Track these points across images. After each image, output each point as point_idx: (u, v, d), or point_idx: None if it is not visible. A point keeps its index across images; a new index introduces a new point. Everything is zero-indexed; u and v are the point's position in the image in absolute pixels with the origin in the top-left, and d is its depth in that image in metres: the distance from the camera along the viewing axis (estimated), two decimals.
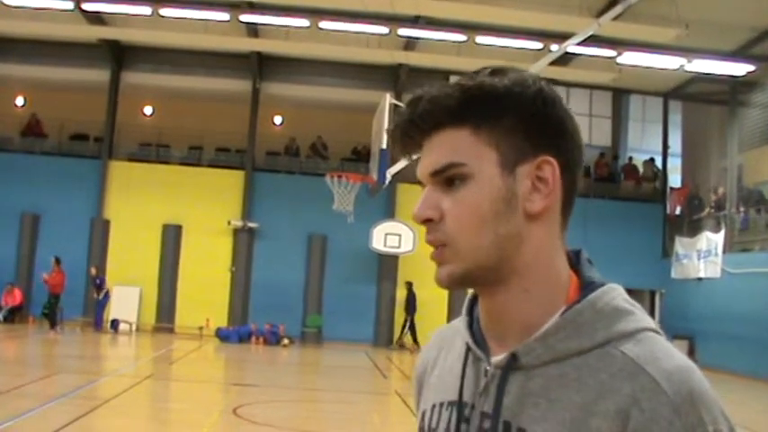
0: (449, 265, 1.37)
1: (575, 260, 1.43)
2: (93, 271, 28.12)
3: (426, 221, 1.38)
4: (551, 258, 1.38)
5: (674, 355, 1.29)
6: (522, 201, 1.34)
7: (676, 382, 1.24)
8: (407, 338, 29.37)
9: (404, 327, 29.33)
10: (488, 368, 1.38)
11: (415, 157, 1.50)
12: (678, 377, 1.25)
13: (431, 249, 1.41)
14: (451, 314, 28.86)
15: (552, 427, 1.27)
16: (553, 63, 22.72)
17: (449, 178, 1.36)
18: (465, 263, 1.35)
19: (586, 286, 1.37)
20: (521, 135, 1.34)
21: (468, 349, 1.44)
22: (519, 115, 1.34)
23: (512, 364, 1.34)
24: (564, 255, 1.40)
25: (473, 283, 1.39)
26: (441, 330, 1.65)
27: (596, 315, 1.32)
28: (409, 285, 29.24)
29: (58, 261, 26.36)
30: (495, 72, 1.37)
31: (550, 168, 1.35)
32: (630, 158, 33.20)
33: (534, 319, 1.35)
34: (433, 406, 1.49)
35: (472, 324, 1.47)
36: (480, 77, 1.36)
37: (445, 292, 29.13)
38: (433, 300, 29.27)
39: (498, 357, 1.36)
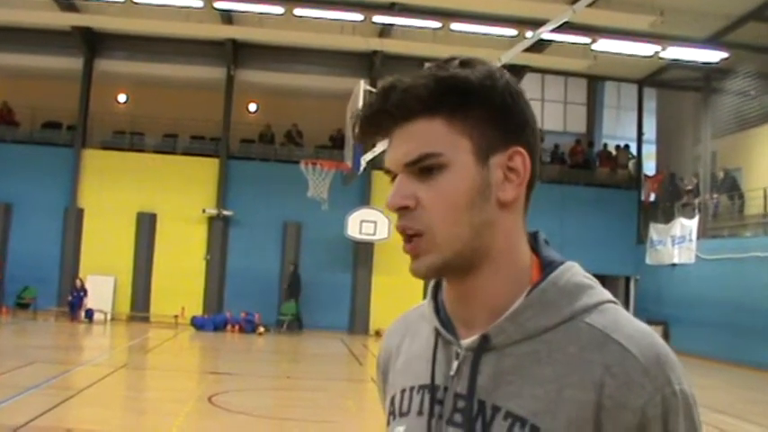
0: (427, 255, 1.38)
1: (533, 242, 1.46)
2: (79, 283, 28.04)
3: (401, 209, 1.39)
4: (518, 244, 1.42)
5: (635, 321, 1.36)
6: (495, 190, 1.38)
7: (644, 346, 1.31)
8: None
9: (288, 310, 28.86)
10: (459, 351, 1.40)
11: (378, 145, 1.48)
12: (644, 341, 1.31)
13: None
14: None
15: (526, 401, 1.32)
16: (528, 50, 22.78)
17: (425, 167, 1.37)
18: (443, 252, 1.37)
19: (547, 266, 1.42)
20: (492, 126, 1.37)
21: (438, 334, 1.46)
22: (489, 107, 1.37)
23: (483, 345, 1.37)
24: (526, 239, 1.45)
25: (450, 272, 1.41)
26: (403, 316, 1.66)
27: (560, 292, 1.37)
28: (294, 267, 29.20)
29: None
30: (464, 63, 1.39)
31: (521, 159, 1.39)
32: (605, 145, 33.30)
33: (502, 300, 1.39)
34: (403, 390, 1.50)
35: (438, 309, 1.49)
36: (452, 69, 1.38)
37: (419, 281, 29.22)
38: (410, 287, 29.26)
39: (469, 340, 1.39)
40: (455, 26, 25.86)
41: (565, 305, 1.36)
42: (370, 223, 28.81)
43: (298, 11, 25.86)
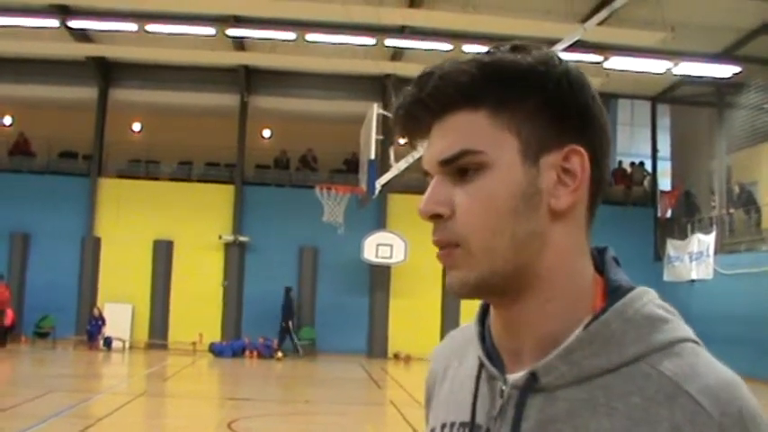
0: (461, 269, 1.19)
1: (599, 260, 1.26)
2: (97, 312, 28.16)
3: (434, 217, 1.20)
4: (576, 262, 1.21)
5: (716, 368, 1.13)
6: (546, 196, 1.17)
7: (722, 402, 1.08)
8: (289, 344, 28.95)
9: (282, 333, 28.87)
10: (504, 388, 1.20)
11: (393, 168, 1.36)
12: (724, 395, 1.09)
13: (424, 259, 1.29)
14: (445, 325, 28.90)
15: None
16: None
17: (462, 168, 1.18)
18: (479, 268, 1.17)
19: (613, 291, 1.20)
20: (545, 120, 1.18)
21: (482, 365, 1.26)
22: (543, 98, 1.18)
23: (531, 384, 1.16)
24: (589, 257, 1.24)
25: (489, 293, 1.21)
26: (451, 337, 1.47)
27: (625, 326, 1.15)
28: (287, 290, 29.14)
29: (1, 277, 26.58)
30: (516, 48, 1.20)
31: (579, 159, 1.18)
32: (620, 163, 33.25)
33: (555, 331, 1.17)
34: (443, 425, 1.31)
35: (484, 335, 1.30)
36: (499, 54, 1.20)
37: (437, 302, 29.24)
38: (428, 309, 29.27)
39: (515, 376, 1.19)
40: (467, 47, 25.89)
41: (630, 343, 1.14)
42: (386, 246, 28.82)
43: (309, 36, 25.97)
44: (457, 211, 1.18)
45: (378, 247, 28.92)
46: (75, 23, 25.91)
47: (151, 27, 25.50)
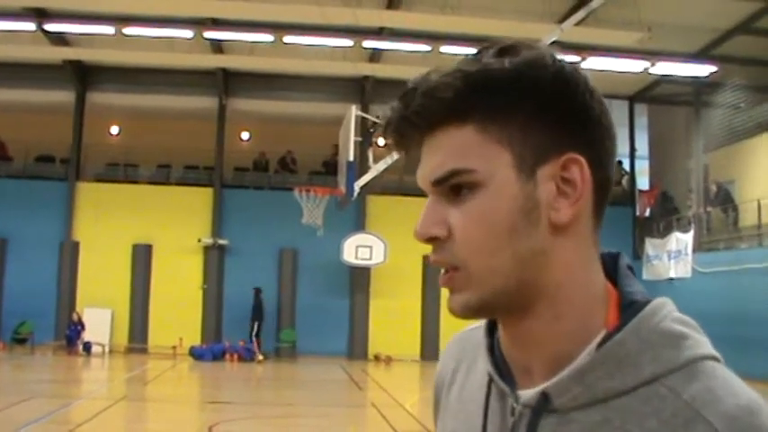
0: (462, 293, 1.13)
1: (611, 268, 1.18)
2: (76, 317, 28.02)
3: (431, 240, 1.13)
4: (585, 274, 1.14)
5: (737, 391, 1.04)
6: (546, 210, 1.10)
7: (740, 428, 1.00)
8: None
9: (251, 334, 28.82)
10: (516, 406, 1.14)
11: (371, 170, 1.30)
12: (744, 422, 1.01)
13: (404, 260, 1.25)
14: (425, 325, 28.93)
15: None
16: None
17: (455, 186, 1.12)
18: (480, 290, 1.11)
19: (628, 306, 1.13)
20: (539, 129, 1.10)
21: (491, 380, 1.21)
22: (535, 105, 1.10)
23: (543, 405, 1.11)
24: (599, 266, 1.16)
25: (493, 313, 1.16)
26: (460, 338, 1.39)
27: (642, 345, 1.08)
28: (257, 291, 29.08)
29: None
30: (504, 51, 1.13)
31: (578, 168, 1.11)
32: None
33: (567, 348, 1.11)
34: None
35: (494, 347, 1.23)
36: (485, 59, 1.12)
37: (417, 303, 29.29)
38: (408, 310, 29.31)
39: (527, 394, 1.13)
40: (444, 48, 25.92)
41: (647, 363, 1.07)
42: (365, 248, 28.84)
43: (287, 38, 25.93)
44: (454, 232, 1.12)
45: (357, 249, 28.93)
46: (51, 27, 25.76)
47: (128, 30, 25.38)
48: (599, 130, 1.14)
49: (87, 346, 27.66)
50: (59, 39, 27.57)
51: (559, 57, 1.13)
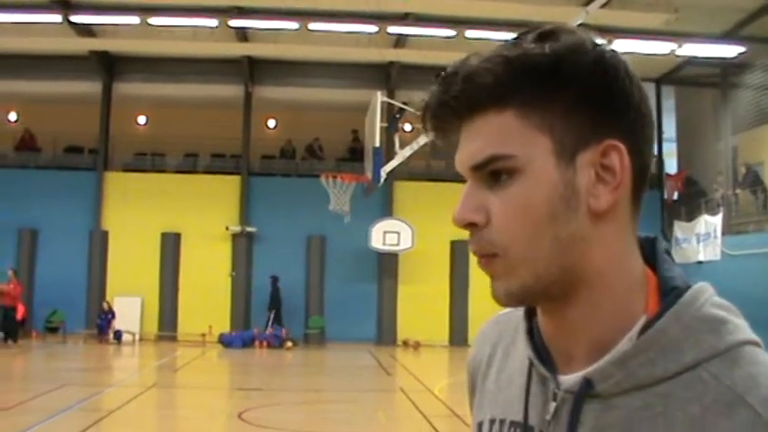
0: (504, 279, 1.13)
1: (649, 252, 1.19)
2: (106, 305, 28.28)
3: (469, 226, 1.14)
4: (625, 261, 1.14)
5: None
6: (585, 196, 1.11)
7: None
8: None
9: (269, 321, 28.87)
10: (557, 391, 1.15)
11: (397, 156, 1.29)
12: None
13: (431, 246, 1.21)
14: (454, 311, 28.92)
15: None
16: None
17: (494, 172, 1.12)
18: (522, 277, 1.12)
19: (668, 291, 1.14)
20: (579, 115, 1.11)
21: (531, 364, 1.21)
22: (576, 91, 1.10)
23: (586, 390, 1.11)
24: (638, 252, 1.17)
25: (535, 300, 1.16)
26: (496, 321, 1.39)
27: (683, 331, 1.09)
28: (274, 280, 29.16)
29: (15, 272, 26.65)
30: (544, 36, 1.12)
31: (617, 154, 1.11)
32: None
33: (607, 335, 1.12)
34: (492, 420, 1.27)
35: (533, 331, 1.24)
36: (525, 45, 1.12)
37: (446, 288, 29.28)
38: (437, 296, 29.30)
39: (569, 380, 1.14)
40: (469, 33, 25.84)
41: (688, 349, 1.08)
42: (393, 234, 28.83)
43: (312, 25, 25.95)
44: (492, 218, 1.12)
45: (385, 235, 28.93)
46: (77, 18, 25.92)
47: (153, 20, 25.51)
48: (638, 117, 1.13)
49: (118, 335, 27.88)
50: (85, 30, 27.70)
51: (599, 41, 1.13)
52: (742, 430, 1.01)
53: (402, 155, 19.86)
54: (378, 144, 19.33)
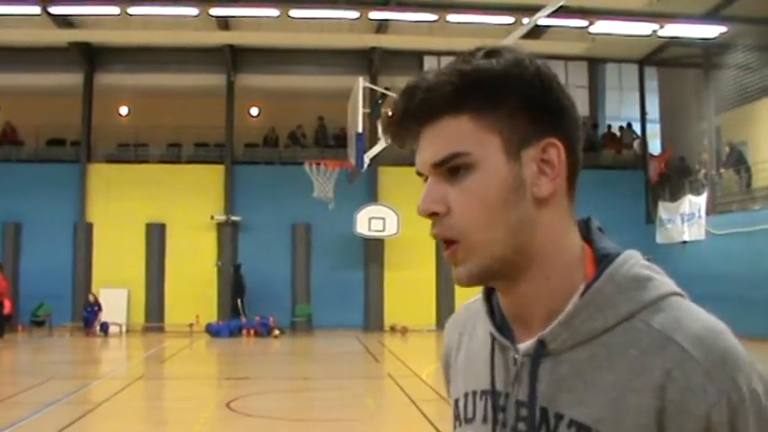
0: (465, 263, 1.33)
1: (585, 230, 1.40)
2: (92, 298, 28.17)
3: (432, 215, 1.34)
4: (566, 239, 1.35)
5: (699, 317, 1.28)
6: (530, 186, 1.31)
7: (705, 346, 1.23)
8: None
9: (236, 310, 28.94)
10: (517, 356, 1.35)
11: (381, 141, 1.44)
12: (706, 340, 1.23)
13: (417, 231, 1.37)
14: (441, 295, 28.94)
15: (590, 409, 1.26)
16: (526, 36, 22.71)
17: (453, 168, 1.31)
18: (481, 258, 1.31)
19: (602, 259, 1.34)
20: (522, 118, 1.31)
21: (494, 338, 1.41)
22: (519, 98, 1.30)
23: (540, 350, 1.31)
24: (576, 230, 1.38)
25: (493, 278, 1.35)
26: (465, 308, 1.60)
27: (616, 289, 1.29)
28: (237, 267, 29.21)
29: (0, 267, 26.54)
30: (490, 53, 1.32)
31: (555, 150, 1.32)
32: (609, 126, 33.25)
33: (557, 302, 1.32)
34: (466, 394, 1.47)
35: (493, 311, 1.44)
36: (476, 61, 1.31)
37: (432, 274, 29.30)
38: (423, 281, 29.33)
39: (525, 345, 1.34)
40: (451, 17, 25.83)
41: (622, 303, 1.28)
42: (378, 219, 28.84)
43: (293, 12, 25.86)
44: (452, 208, 1.31)
45: (370, 221, 28.93)
46: (56, 9, 25.74)
47: (133, 10, 25.37)
48: (571, 120, 1.35)
49: (104, 327, 27.80)
50: (65, 21, 27.54)
51: (533, 58, 1.33)
52: (673, 363, 1.22)
53: (385, 140, 19.83)
54: (360, 130, 19.30)
